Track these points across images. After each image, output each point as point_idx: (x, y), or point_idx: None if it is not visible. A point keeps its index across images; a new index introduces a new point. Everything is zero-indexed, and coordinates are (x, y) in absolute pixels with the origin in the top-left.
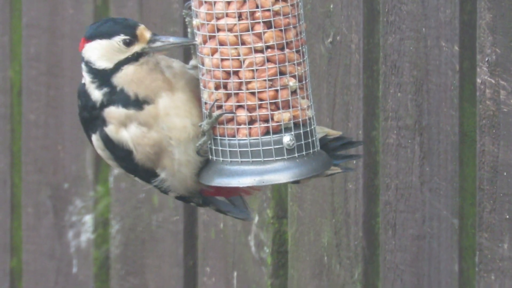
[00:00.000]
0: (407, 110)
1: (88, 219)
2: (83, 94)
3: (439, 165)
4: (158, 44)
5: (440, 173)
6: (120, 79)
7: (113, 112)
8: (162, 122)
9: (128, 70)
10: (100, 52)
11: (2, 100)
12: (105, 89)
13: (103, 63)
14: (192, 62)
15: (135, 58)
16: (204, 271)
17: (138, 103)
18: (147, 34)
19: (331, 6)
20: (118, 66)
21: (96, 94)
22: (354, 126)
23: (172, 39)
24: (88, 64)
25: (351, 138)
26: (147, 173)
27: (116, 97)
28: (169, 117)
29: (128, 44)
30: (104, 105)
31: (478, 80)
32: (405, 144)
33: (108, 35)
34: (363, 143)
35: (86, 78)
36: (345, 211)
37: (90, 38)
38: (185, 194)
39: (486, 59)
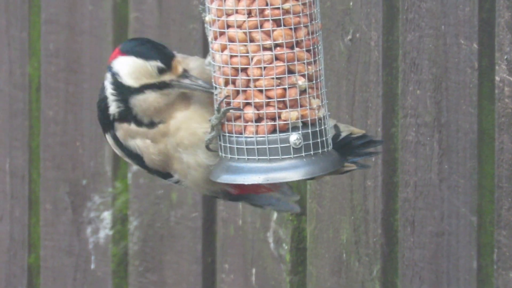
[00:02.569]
0: (426, 108)
1: (107, 215)
2: (103, 100)
3: (458, 163)
4: (187, 81)
5: (459, 170)
6: (138, 103)
7: (124, 125)
8: (171, 135)
9: (150, 96)
10: (131, 69)
11: (20, 96)
12: (122, 106)
13: (130, 81)
14: (208, 58)
15: (160, 86)
16: (223, 268)
17: (151, 124)
18: (180, 68)
19: (351, 4)
20: (142, 88)
21: (113, 108)
22: (373, 123)
23: (201, 82)
24: (114, 75)
25: (373, 136)
26: (160, 174)
27: (130, 117)
28: (179, 131)
29: (160, 71)
30: (116, 118)
31: (497, 78)
32: (424, 141)
33: (146, 56)
34: (383, 142)
35: (108, 88)
36: (364, 208)
37: (127, 52)
38: (205, 193)
39: (505, 57)
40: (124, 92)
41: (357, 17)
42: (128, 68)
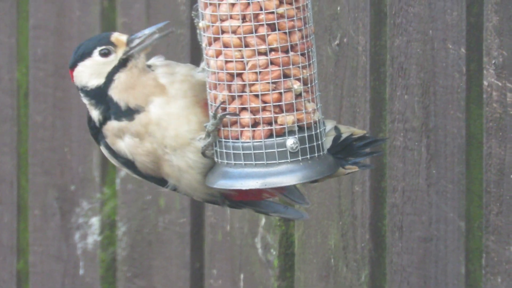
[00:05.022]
0: (414, 112)
1: (95, 221)
2: (88, 116)
3: (446, 168)
4: (136, 41)
5: (447, 175)
6: (115, 89)
7: (108, 126)
8: (153, 131)
9: (121, 78)
10: (88, 72)
11: (9, 101)
12: (101, 107)
13: (94, 81)
14: (202, 64)
15: (122, 64)
16: (211, 273)
17: (129, 113)
18: (123, 38)
19: (338, 8)
20: (110, 77)
21: (94, 114)
22: (361, 128)
23: (146, 30)
24: (83, 89)
25: (374, 137)
26: (155, 180)
27: (111, 110)
28: (161, 126)
29: (108, 54)
30: (101, 123)
31: (485, 83)
32: (412, 146)
33: (87, 54)
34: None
35: (86, 102)
36: (352, 213)
37: (73, 65)
38: (204, 198)
39: (493, 62)
40: (99, 93)
41: (344, 22)
42: (85, 74)
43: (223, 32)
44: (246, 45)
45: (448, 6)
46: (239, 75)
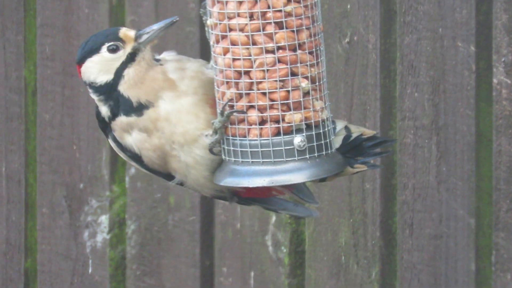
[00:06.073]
0: (424, 110)
1: (104, 219)
2: (96, 110)
3: (456, 165)
4: (144, 37)
5: (457, 172)
6: (125, 85)
7: (117, 121)
8: (162, 127)
9: (130, 73)
10: (96, 69)
11: (16, 99)
12: (111, 103)
13: (103, 77)
14: (212, 62)
15: (130, 59)
16: (221, 271)
17: (139, 108)
18: (131, 33)
19: (348, 6)
20: (119, 74)
21: (104, 110)
22: (371, 126)
23: (155, 26)
24: (91, 85)
25: (384, 137)
26: (162, 175)
27: (120, 106)
28: (170, 122)
29: (116, 49)
30: (111, 118)
31: (494, 80)
32: (422, 144)
33: (95, 49)
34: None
35: (94, 98)
36: (363, 211)
37: (81, 61)
38: (212, 194)
39: (502, 60)
40: (108, 89)
41: (354, 20)
42: (93, 70)
43: (230, 30)
44: (254, 43)
45: (457, 4)
46: (247, 73)
